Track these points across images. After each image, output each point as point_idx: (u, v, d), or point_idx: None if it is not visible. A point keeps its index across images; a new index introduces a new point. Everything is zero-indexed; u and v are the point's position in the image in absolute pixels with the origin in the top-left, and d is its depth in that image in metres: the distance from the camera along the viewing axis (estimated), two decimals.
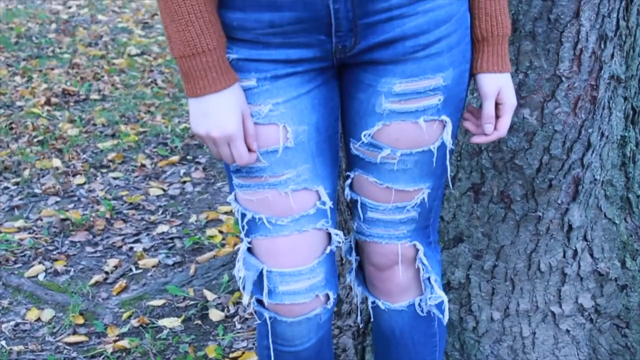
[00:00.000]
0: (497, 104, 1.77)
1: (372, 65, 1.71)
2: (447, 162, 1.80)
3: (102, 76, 5.41)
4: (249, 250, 1.83)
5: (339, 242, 1.83)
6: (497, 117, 1.78)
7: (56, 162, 4.19)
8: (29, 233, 3.58)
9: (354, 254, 1.97)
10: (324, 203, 1.78)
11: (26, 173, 4.09)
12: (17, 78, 5.40)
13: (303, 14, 1.64)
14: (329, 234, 1.82)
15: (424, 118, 1.72)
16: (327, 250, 1.82)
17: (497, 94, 1.76)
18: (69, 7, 7.27)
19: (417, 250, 1.88)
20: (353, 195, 1.86)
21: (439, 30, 1.67)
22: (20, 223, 3.65)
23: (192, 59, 1.64)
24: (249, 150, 1.71)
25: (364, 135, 1.76)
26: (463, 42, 1.72)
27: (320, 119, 1.76)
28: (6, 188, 4.00)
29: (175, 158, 4.24)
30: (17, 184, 4.02)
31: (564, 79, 2.21)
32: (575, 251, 2.45)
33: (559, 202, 2.36)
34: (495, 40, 1.75)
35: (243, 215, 1.79)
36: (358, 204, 1.86)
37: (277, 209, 1.76)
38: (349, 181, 1.86)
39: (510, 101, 1.77)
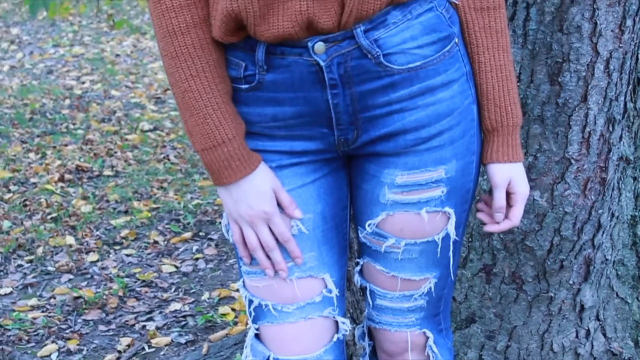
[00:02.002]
0: (509, 194, 1.78)
1: (375, 157, 1.74)
2: (451, 254, 1.80)
3: (116, 152, 5.46)
4: (257, 337, 1.84)
5: (347, 331, 1.83)
6: (510, 206, 1.79)
7: (70, 240, 4.22)
8: (43, 312, 3.59)
9: (367, 339, 1.97)
10: (330, 291, 1.79)
11: (40, 251, 4.12)
12: (32, 155, 5.45)
13: (304, 108, 1.68)
14: (337, 322, 1.83)
15: (426, 209, 1.74)
16: (335, 339, 1.82)
17: (508, 184, 1.77)
18: (83, 83, 7.36)
19: (428, 338, 1.88)
20: (363, 282, 1.87)
21: (440, 124, 1.70)
22: (33, 302, 3.67)
23: (213, 151, 1.68)
24: (292, 218, 1.74)
25: (369, 225, 1.79)
26: (468, 134, 1.73)
27: (326, 207, 1.78)
28: (20, 266, 4.02)
29: (188, 235, 4.26)
30: (30, 261, 4.05)
31: (573, 161, 2.24)
32: (588, 331, 2.45)
33: (571, 282, 2.36)
34: (506, 131, 1.76)
35: (250, 302, 1.81)
36: (368, 291, 1.87)
37: (283, 297, 1.77)
38: (358, 268, 1.87)
39: (522, 191, 1.78)
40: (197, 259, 4.02)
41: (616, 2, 2.12)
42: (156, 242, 4.20)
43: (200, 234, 4.28)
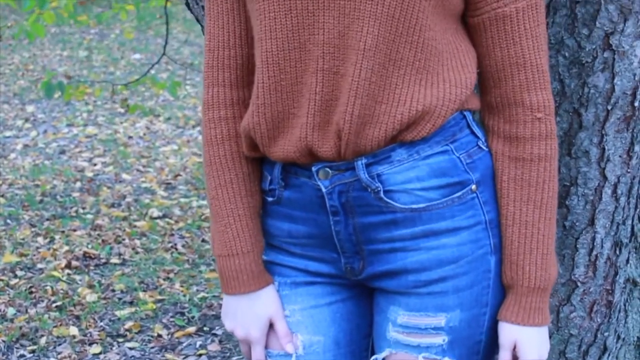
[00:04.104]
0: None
1: (384, 291, 1.73)
2: None
3: (124, 239, 5.46)
4: None
5: None
6: None
7: (73, 330, 4.19)
8: None
9: None
10: None
11: (43, 341, 4.10)
12: (40, 239, 5.46)
13: (314, 230, 1.70)
14: None
15: (424, 355, 1.69)
16: None
17: (512, 347, 1.69)
18: (95, 165, 7.40)
19: None
20: None
21: (442, 269, 1.66)
22: None
23: (227, 259, 1.73)
24: (286, 350, 1.75)
25: None
26: (478, 285, 1.68)
27: (340, 332, 1.77)
28: (22, 356, 4.00)
29: (192, 329, 4.24)
30: (33, 351, 4.02)
31: (579, 284, 2.23)
32: None
33: None
34: (519, 291, 1.69)
35: None
36: None
37: None
38: None
39: (527, 359, 1.68)
40: (200, 355, 3.99)
41: (624, 128, 2.14)
42: (160, 336, 4.18)
43: (205, 328, 4.26)
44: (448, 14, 1.65)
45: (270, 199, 1.74)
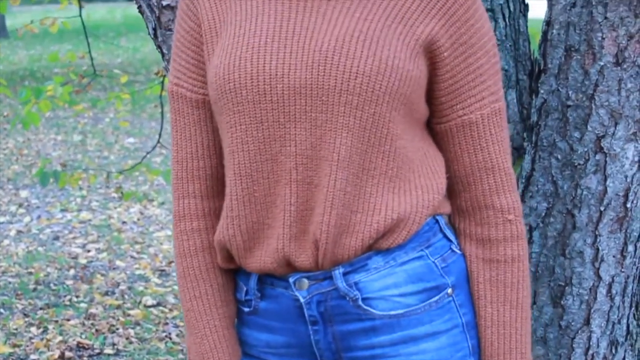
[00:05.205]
0: None
1: None
2: None
3: (117, 328, 5.44)
4: None
5: None
6: None
7: None
8: None
9: None
10: None
11: None
12: (33, 329, 5.43)
13: (292, 339, 1.71)
14: None
15: None
16: None
17: None
18: (88, 251, 7.39)
19: None
20: None
21: None
22: None
23: None
24: None
25: None
26: None
27: None
28: None
29: None
30: None
31: None
32: None
33: None
34: None
35: None
36: None
37: None
38: None
39: None
40: None
41: (617, 229, 2.17)
42: None
43: None
44: (415, 122, 1.69)
45: (246, 309, 1.75)
